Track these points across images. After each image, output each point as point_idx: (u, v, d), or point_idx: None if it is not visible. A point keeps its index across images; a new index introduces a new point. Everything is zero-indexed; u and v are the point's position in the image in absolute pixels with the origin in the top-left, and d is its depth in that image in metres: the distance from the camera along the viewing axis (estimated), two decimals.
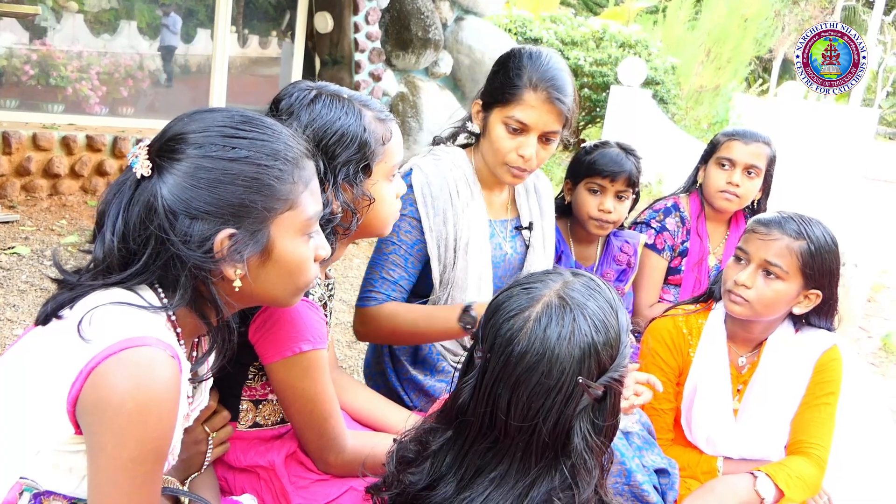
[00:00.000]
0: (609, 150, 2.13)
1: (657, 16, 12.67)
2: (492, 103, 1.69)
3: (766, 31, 12.95)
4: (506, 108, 1.65)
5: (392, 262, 1.68)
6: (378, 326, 1.68)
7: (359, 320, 1.71)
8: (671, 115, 9.03)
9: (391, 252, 1.68)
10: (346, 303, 3.60)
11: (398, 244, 1.68)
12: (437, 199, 1.68)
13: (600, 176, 2.09)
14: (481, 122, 1.73)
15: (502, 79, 1.67)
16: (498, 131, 1.67)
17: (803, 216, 1.68)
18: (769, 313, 1.70)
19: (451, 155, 1.76)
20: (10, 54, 4.57)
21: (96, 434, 0.88)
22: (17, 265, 3.37)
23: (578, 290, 0.98)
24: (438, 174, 1.70)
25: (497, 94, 1.67)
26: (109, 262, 0.95)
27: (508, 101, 1.65)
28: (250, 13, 5.61)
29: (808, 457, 1.69)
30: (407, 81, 5.43)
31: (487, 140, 1.71)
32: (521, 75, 1.65)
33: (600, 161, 2.10)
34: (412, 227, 1.68)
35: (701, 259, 2.36)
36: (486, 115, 1.71)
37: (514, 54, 1.70)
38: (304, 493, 1.30)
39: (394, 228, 1.64)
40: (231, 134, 0.97)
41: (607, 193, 2.10)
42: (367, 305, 1.68)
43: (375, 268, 1.70)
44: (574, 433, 0.93)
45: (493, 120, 1.68)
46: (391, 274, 1.68)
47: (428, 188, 1.68)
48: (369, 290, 1.69)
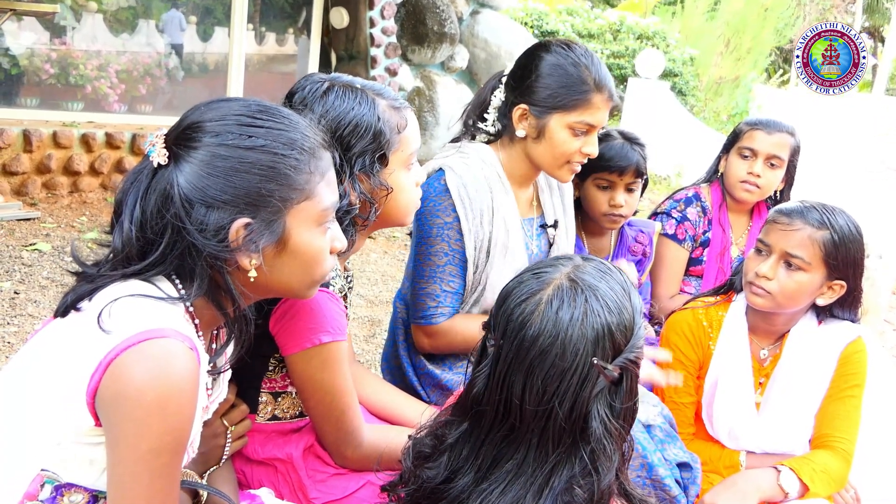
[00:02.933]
0: (613, 142, 2.06)
1: (675, 7, 12.53)
2: (549, 109, 1.62)
3: (786, 21, 12.75)
4: (571, 113, 1.61)
5: (449, 273, 1.65)
6: (450, 340, 1.67)
7: (427, 337, 1.68)
8: (690, 106, 8.94)
9: (446, 263, 1.65)
10: (363, 297, 3.60)
11: (451, 254, 1.64)
12: (475, 201, 1.64)
13: (608, 172, 2.03)
14: (529, 127, 1.66)
15: (561, 84, 1.61)
16: (562, 136, 1.63)
17: (826, 205, 1.65)
18: (792, 305, 1.67)
19: (480, 153, 1.71)
20: (30, 54, 4.63)
21: (116, 425, 0.89)
22: (39, 261, 3.41)
23: (590, 272, 0.97)
24: (471, 173, 1.66)
25: (558, 100, 1.61)
26: (128, 251, 0.95)
27: (575, 106, 1.61)
28: (267, 11, 5.63)
29: (833, 451, 1.66)
30: (423, 76, 5.43)
31: (545, 144, 1.65)
32: (585, 79, 1.61)
33: (606, 155, 2.02)
34: (459, 233, 1.64)
35: (723, 250, 2.32)
36: (540, 120, 1.64)
37: (563, 55, 1.63)
38: (321, 486, 1.30)
39: (444, 238, 1.63)
40: (248, 123, 0.97)
41: (617, 188, 2.05)
42: (436, 323, 1.66)
43: (434, 280, 1.65)
44: (591, 417, 0.92)
45: (555, 125, 1.63)
46: (451, 285, 1.65)
47: (465, 189, 1.64)
48: (435, 307, 1.65)
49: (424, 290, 1.66)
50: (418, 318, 1.68)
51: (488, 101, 1.75)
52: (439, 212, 1.63)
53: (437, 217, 1.63)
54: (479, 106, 1.78)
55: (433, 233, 1.64)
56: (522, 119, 1.66)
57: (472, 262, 1.67)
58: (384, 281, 3.88)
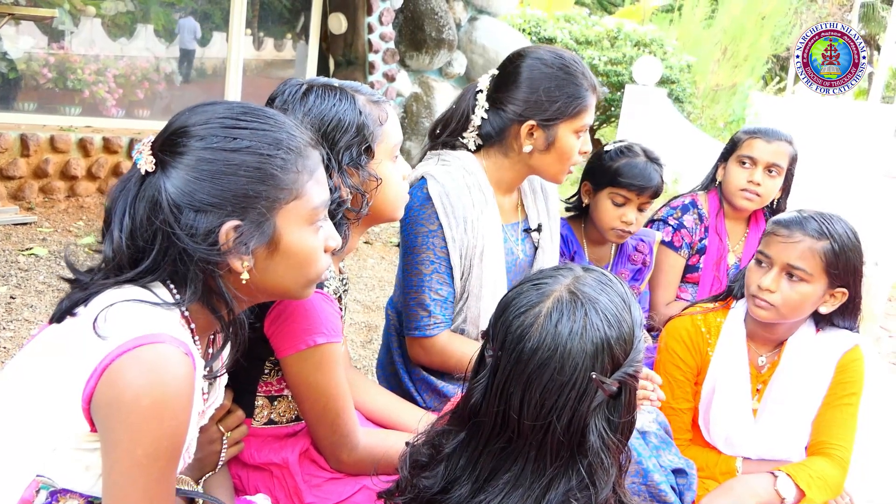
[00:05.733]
0: (636, 160, 2.05)
1: (673, 14, 12.59)
2: (555, 120, 1.64)
3: (783, 29, 12.81)
4: (576, 120, 1.65)
5: (437, 280, 1.64)
6: (445, 359, 1.65)
7: (422, 349, 1.67)
8: (687, 113, 8.96)
9: (433, 272, 1.64)
10: (359, 302, 3.60)
11: (437, 262, 1.64)
12: (457, 208, 1.64)
13: (627, 189, 2.03)
14: (537, 141, 1.66)
15: (567, 94, 1.63)
16: (570, 142, 1.66)
17: (823, 214, 1.65)
18: (796, 315, 1.67)
19: (461, 160, 1.70)
20: (28, 58, 4.63)
21: (111, 431, 0.88)
22: (35, 266, 3.40)
23: (590, 284, 0.96)
24: (453, 181, 1.66)
25: (564, 111, 1.63)
26: (119, 259, 0.95)
27: (580, 112, 1.65)
28: (265, 16, 5.64)
29: (829, 458, 1.67)
30: (421, 82, 5.43)
31: (555, 153, 1.67)
32: (583, 84, 1.65)
33: (628, 173, 2.03)
34: (444, 241, 1.64)
35: (720, 257, 2.32)
36: (549, 132, 1.65)
37: (559, 65, 1.64)
38: (317, 491, 1.30)
39: (429, 246, 1.63)
40: (232, 125, 0.97)
41: (631, 205, 2.05)
42: (431, 335, 1.64)
43: (423, 290, 1.64)
44: (589, 431, 0.91)
45: (563, 134, 1.65)
46: (440, 293, 1.65)
47: (447, 197, 1.63)
48: (427, 317, 1.64)
49: (415, 301, 1.65)
50: (412, 330, 1.67)
51: (470, 120, 1.72)
52: (423, 220, 1.63)
53: (421, 226, 1.63)
54: (460, 125, 1.74)
55: (418, 241, 1.64)
56: (530, 135, 1.66)
57: (458, 270, 1.67)
58: (381, 286, 3.87)
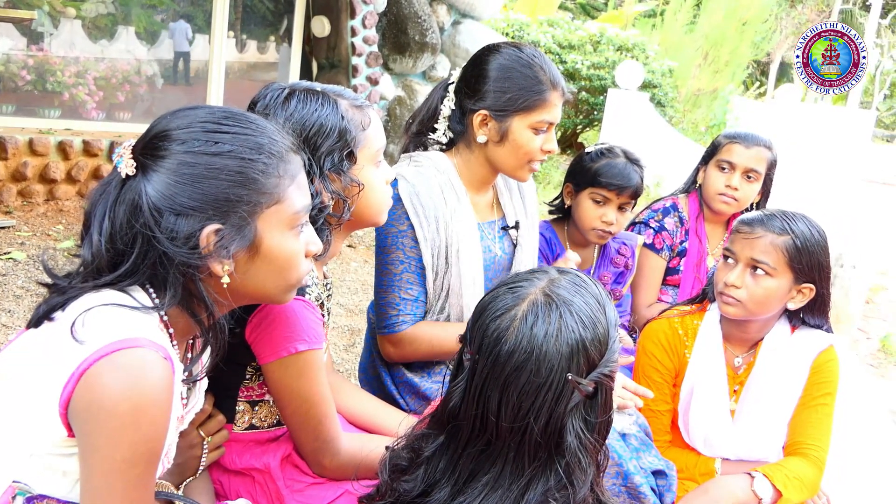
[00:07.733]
0: (616, 160, 2.09)
1: (655, 19, 12.70)
2: (508, 111, 1.65)
3: (763, 35, 12.98)
4: (531, 114, 1.64)
5: (407, 280, 1.66)
6: (416, 348, 1.67)
7: (392, 346, 1.69)
8: (669, 118, 9.04)
9: (402, 271, 1.66)
10: (342, 306, 3.59)
11: (407, 261, 1.65)
12: (427, 208, 1.65)
13: (607, 189, 2.07)
14: (491, 132, 1.67)
15: (519, 86, 1.64)
16: (524, 136, 1.66)
17: (786, 212, 1.69)
18: (763, 311, 1.70)
19: (433, 160, 1.72)
20: (6, 60, 4.58)
21: (89, 436, 0.88)
22: (13, 270, 3.36)
23: (564, 287, 0.97)
24: (424, 181, 1.67)
25: (516, 102, 1.64)
26: (98, 263, 0.95)
27: (534, 107, 1.64)
28: (248, 18, 5.61)
29: (805, 458, 1.69)
30: (404, 85, 5.44)
31: (508, 147, 1.67)
32: (541, 79, 1.64)
33: (607, 173, 2.07)
34: (415, 241, 1.65)
35: (700, 260, 2.35)
36: (502, 124, 1.66)
37: (515, 57, 1.66)
38: (299, 496, 1.30)
39: (398, 246, 1.64)
40: (214, 129, 0.97)
41: (611, 205, 2.09)
42: (399, 331, 1.66)
43: (392, 290, 1.66)
44: (567, 431, 0.93)
45: (517, 127, 1.65)
46: (410, 293, 1.66)
47: (417, 198, 1.65)
48: (395, 315, 1.66)
49: (385, 300, 1.67)
50: (382, 328, 1.68)
51: (438, 111, 1.76)
52: (393, 221, 1.63)
53: (391, 226, 1.64)
54: (429, 116, 1.78)
55: (388, 242, 1.66)
56: (483, 125, 1.68)
57: (432, 269, 1.68)
58: (364, 290, 3.87)
